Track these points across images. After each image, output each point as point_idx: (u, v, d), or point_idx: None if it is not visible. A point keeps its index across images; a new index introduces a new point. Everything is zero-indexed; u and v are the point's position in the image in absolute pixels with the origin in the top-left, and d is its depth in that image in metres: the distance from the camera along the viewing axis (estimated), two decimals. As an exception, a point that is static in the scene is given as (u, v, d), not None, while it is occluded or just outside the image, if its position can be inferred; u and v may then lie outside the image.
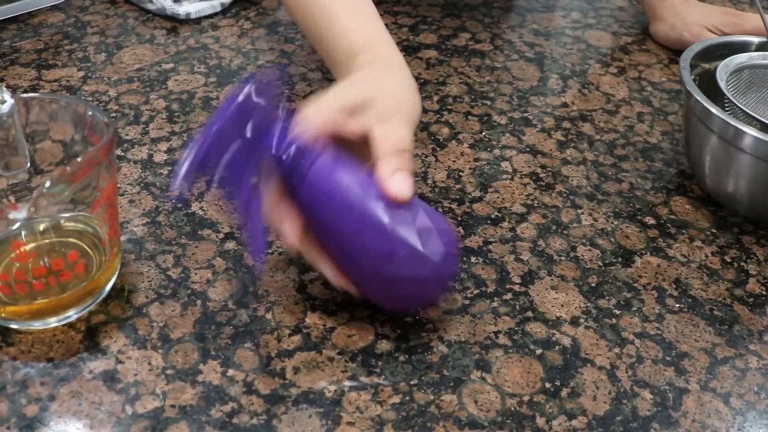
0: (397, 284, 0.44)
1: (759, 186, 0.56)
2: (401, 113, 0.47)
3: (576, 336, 0.49)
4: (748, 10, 0.93)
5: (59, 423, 0.42)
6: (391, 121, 0.46)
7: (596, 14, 0.91)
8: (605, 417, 0.44)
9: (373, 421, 0.43)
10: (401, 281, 0.44)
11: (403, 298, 0.46)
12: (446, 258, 0.44)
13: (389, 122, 0.46)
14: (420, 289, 0.45)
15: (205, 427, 0.42)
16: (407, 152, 0.45)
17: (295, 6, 0.60)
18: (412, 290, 0.45)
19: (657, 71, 0.80)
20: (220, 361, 0.46)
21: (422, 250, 0.43)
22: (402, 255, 0.43)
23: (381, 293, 0.46)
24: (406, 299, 0.46)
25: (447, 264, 0.45)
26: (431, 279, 0.45)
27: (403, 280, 0.44)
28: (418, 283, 0.44)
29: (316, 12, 0.58)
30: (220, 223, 0.56)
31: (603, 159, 0.66)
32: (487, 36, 0.84)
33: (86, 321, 0.47)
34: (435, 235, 0.44)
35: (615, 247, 0.57)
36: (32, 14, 0.81)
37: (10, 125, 0.46)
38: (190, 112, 0.67)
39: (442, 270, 0.45)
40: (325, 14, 0.57)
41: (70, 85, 0.70)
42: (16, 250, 0.48)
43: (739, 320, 0.52)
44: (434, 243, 0.44)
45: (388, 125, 0.46)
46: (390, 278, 0.44)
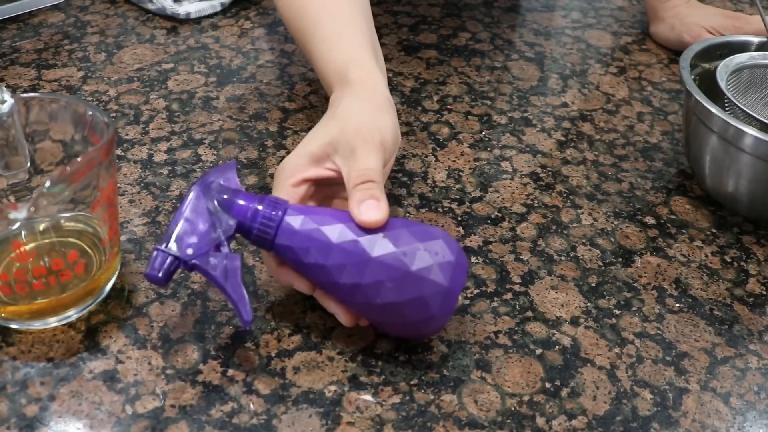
0: (398, 311, 0.43)
1: (759, 186, 0.56)
2: (366, 142, 0.46)
3: (576, 336, 0.49)
4: (747, 11, 0.93)
5: (59, 423, 0.42)
6: (356, 153, 0.46)
7: (596, 14, 0.91)
8: (605, 417, 0.44)
9: (373, 421, 0.43)
10: (400, 307, 0.42)
11: (412, 324, 0.43)
12: (441, 270, 0.42)
13: (354, 155, 0.46)
14: (423, 309, 0.42)
15: (205, 427, 0.42)
16: (373, 181, 0.45)
17: (285, 9, 0.60)
18: (415, 313, 0.43)
19: (657, 71, 0.80)
20: (220, 361, 0.46)
21: (410, 270, 0.42)
22: (389, 281, 0.42)
23: (389, 323, 0.44)
24: (415, 324, 0.43)
25: (444, 276, 0.42)
26: (430, 296, 0.42)
27: (401, 305, 0.42)
28: (417, 305, 0.42)
29: (306, 18, 0.58)
30: (220, 223, 0.56)
31: (603, 159, 0.66)
32: (487, 36, 0.84)
33: (86, 321, 0.47)
34: (422, 251, 0.42)
35: (615, 247, 0.57)
36: (32, 14, 0.81)
37: (10, 125, 0.46)
38: (190, 112, 0.67)
39: (438, 283, 0.42)
40: (312, 21, 0.57)
41: (70, 85, 0.70)
42: (16, 250, 0.48)
43: (739, 320, 0.52)
44: (422, 259, 0.42)
45: (353, 159, 0.46)
46: (388, 307, 0.42)
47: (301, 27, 0.58)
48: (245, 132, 0.65)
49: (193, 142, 0.64)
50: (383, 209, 0.43)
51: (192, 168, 0.61)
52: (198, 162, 0.61)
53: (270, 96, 0.70)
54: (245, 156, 0.62)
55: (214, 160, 0.62)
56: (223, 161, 0.62)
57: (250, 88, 0.71)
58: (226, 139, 0.64)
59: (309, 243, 0.43)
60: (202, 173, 0.44)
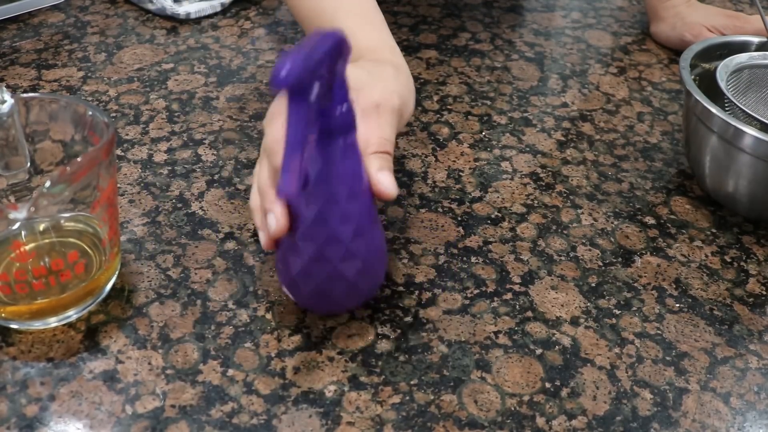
0: (331, 271, 0.44)
1: (759, 186, 0.56)
2: (386, 108, 0.47)
3: (576, 336, 0.49)
4: (747, 11, 0.93)
5: (59, 423, 0.42)
6: (371, 117, 0.46)
7: (596, 14, 0.91)
8: (605, 417, 0.44)
9: (373, 421, 0.43)
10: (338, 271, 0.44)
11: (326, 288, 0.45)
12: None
13: (370, 119, 0.46)
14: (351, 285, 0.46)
15: (205, 427, 0.42)
16: (389, 153, 0.46)
17: (299, 7, 0.60)
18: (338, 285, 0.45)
19: (657, 71, 0.80)
20: (220, 361, 0.46)
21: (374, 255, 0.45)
22: (355, 245, 0.44)
23: (306, 274, 0.45)
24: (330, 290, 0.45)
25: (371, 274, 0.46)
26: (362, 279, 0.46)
27: (341, 271, 0.44)
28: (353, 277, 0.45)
29: (322, 15, 0.58)
30: (220, 223, 0.56)
31: (603, 159, 0.66)
32: (487, 36, 0.84)
33: (86, 321, 0.47)
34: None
35: (615, 247, 0.57)
36: (32, 14, 0.81)
37: (10, 125, 0.46)
38: (190, 112, 0.67)
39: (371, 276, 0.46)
40: (329, 18, 0.57)
41: (70, 85, 0.70)
42: (16, 250, 0.48)
43: (739, 320, 0.52)
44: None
45: (369, 123, 0.46)
46: (324, 261, 0.44)
47: (315, 10, 0.59)
48: (245, 132, 0.65)
49: (193, 142, 0.64)
50: (396, 185, 0.45)
51: (192, 168, 0.61)
52: (198, 162, 0.61)
53: (270, 96, 0.70)
54: (245, 156, 0.62)
55: (214, 160, 0.62)
56: (223, 161, 0.62)
57: (250, 88, 0.71)
58: (226, 139, 0.64)
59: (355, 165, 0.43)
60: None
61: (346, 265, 0.44)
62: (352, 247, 0.44)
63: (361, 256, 0.44)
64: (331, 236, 0.43)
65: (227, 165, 0.61)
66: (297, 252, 0.44)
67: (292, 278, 0.45)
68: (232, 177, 0.60)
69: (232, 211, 0.57)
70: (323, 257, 0.44)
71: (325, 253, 0.43)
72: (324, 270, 0.44)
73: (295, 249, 0.44)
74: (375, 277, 0.47)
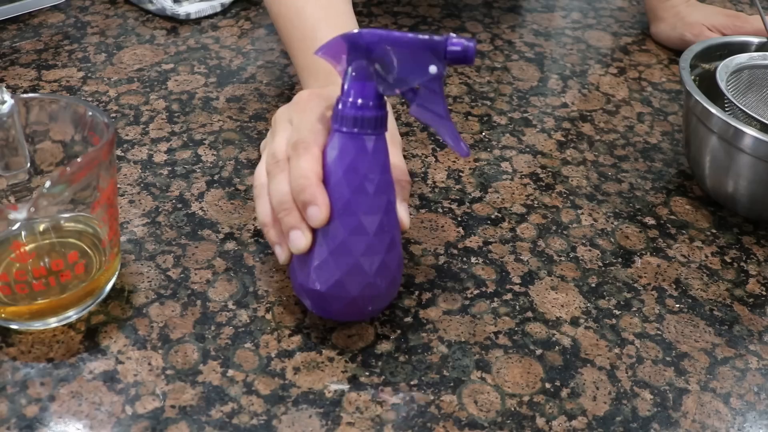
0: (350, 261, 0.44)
1: (759, 186, 0.56)
2: (396, 137, 0.49)
3: (576, 336, 0.49)
4: (747, 11, 0.93)
5: (59, 423, 0.42)
6: (390, 144, 0.47)
7: (596, 14, 0.91)
8: (605, 417, 0.44)
9: (373, 421, 0.43)
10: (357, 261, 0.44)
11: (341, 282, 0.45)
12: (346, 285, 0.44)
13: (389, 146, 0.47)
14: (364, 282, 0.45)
15: (205, 427, 0.42)
16: (409, 182, 0.48)
17: (276, 16, 0.60)
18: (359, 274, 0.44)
19: (657, 71, 0.80)
20: (220, 361, 0.46)
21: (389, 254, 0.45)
22: (374, 239, 0.44)
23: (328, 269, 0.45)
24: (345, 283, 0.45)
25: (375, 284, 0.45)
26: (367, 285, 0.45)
27: (359, 262, 0.44)
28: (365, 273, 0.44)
29: (295, 21, 0.58)
30: (220, 223, 0.56)
31: (603, 159, 0.66)
32: (487, 36, 0.84)
33: (86, 321, 0.47)
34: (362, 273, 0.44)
35: (615, 247, 0.57)
36: (32, 14, 0.81)
37: (10, 125, 0.46)
38: (190, 113, 0.67)
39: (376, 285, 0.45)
40: (301, 34, 0.57)
41: (70, 85, 0.70)
42: (16, 251, 0.48)
43: (739, 320, 0.52)
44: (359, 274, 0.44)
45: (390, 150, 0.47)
46: (344, 248, 0.44)
47: (285, 19, 0.59)
48: (245, 132, 0.65)
49: (193, 142, 0.64)
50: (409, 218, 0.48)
51: (192, 168, 0.61)
52: (198, 162, 0.61)
53: (270, 96, 0.70)
54: (245, 156, 0.62)
55: (214, 160, 0.62)
56: (223, 162, 0.62)
57: (250, 89, 0.71)
58: (226, 139, 0.64)
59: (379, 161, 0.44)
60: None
61: (368, 259, 0.44)
62: (374, 241, 0.44)
63: (383, 252, 0.44)
64: (357, 227, 0.43)
65: (227, 165, 0.61)
66: (319, 243, 0.44)
67: (309, 275, 0.44)
68: (232, 177, 0.60)
69: (232, 211, 0.57)
70: (347, 249, 0.43)
71: (349, 245, 0.43)
72: (346, 262, 0.44)
73: (324, 265, 0.44)
74: (393, 282, 0.46)
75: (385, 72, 0.43)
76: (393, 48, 0.42)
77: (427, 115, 0.44)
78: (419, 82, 0.43)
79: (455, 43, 0.42)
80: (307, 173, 0.43)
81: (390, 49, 0.42)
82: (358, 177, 0.43)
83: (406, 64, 0.43)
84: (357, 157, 0.43)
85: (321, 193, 0.43)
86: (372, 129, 0.43)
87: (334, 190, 0.43)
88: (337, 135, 0.44)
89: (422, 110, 0.44)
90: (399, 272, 0.47)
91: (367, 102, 0.43)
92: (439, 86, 0.43)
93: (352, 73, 0.43)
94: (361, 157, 0.43)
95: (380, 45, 0.42)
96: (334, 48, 0.44)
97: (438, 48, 0.42)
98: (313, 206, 0.43)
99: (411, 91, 0.43)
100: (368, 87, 0.43)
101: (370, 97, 0.43)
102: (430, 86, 0.43)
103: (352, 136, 0.43)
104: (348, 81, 0.44)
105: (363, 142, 0.43)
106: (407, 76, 0.43)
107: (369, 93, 0.43)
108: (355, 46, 0.43)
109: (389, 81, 0.43)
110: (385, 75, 0.43)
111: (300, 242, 0.44)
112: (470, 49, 0.42)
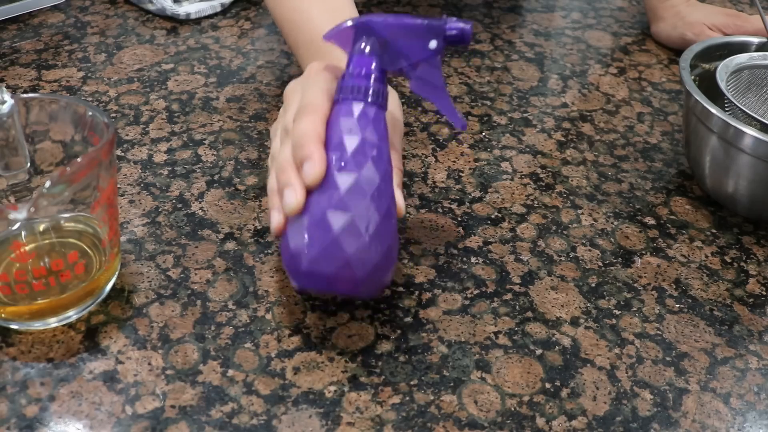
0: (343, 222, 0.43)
1: (759, 186, 0.56)
2: (399, 122, 0.50)
3: (576, 336, 0.49)
4: (747, 11, 0.93)
5: (59, 423, 0.42)
6: (391, 131, 0.49)
7: (596, 14, 0.91)
8: (605, 417, 0.44)
9: (373, 421, 0.43)
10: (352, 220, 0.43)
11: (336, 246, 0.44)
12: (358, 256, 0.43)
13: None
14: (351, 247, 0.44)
15: (205, 427, 0.42)
16: (401, 170, 0.50)
17: (283, 29, 0.61)
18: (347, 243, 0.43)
19: (657, 71, 0.80)
20: (220, 361, 0.46)
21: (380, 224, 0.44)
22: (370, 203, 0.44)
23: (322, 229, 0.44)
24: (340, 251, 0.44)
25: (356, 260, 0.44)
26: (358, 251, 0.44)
27: (355, 220, 0.43)
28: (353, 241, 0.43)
29: (305, 34, 0.58)
30: (220, 223, 0.56)
31: (603, 159, 0.66)
32: (487, 36, 0.84)
33: (86, 321, 0.47)
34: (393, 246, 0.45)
35: (615, 247, 0.57)
36: (32, 14, 0.81)
37: (10, 125, 0.46)
38: (190, 113, 0.67)
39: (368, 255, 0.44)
40: (309, 37, 0.57)
41: (70, 85, 0.70)
42: (16, 251, 0.48)
43: (739, 320, 0.52)
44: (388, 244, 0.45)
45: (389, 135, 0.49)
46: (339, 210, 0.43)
47: (288, 10, 0.60)
48: (245, 132, 0.65)
49: (193, 142, 0.64)
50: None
51: (192, 168, 0.61)
52: (198, 162, 0.61)
53: (270, 96, 0.70)
54: (245, 156, 0.62)
55: (214, 160, 0.62)
56: (223, 162, 0.62)
57: (250, 89, 0.71)
58: (226, 139, 0.64)
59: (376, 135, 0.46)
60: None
61: (364, 219, 0.43)
62: (372, 205, 0.44)
63: (379, 217, 0.44)
64: (355, 185, 0.44)
65: (227, 165, 0.61)
66: (315, 201, 0.44)
67: (304, 236, 0.43)
68: (232, 177, 0.60)
69: (232, 211, 0.57)
70: (344, 206, 0.43)
71: (347, 203, 0.43)
72: (342, 219, 0.43)
73: (319, 223, 0.43)
74: (387, 254, 0.45)
75: (387, 50, 0.47)
76: (397, 31, 0.46)
77: (426, 89, 0.48)
78: (420, 59, 0.47)
79: (453, 27, 0.46)
80: (306, 131, 0.44)
81: (394, 32, 0.46)
82: (358, 138, 0.45)
83: (408, 43, 0.47)
84: (358, 120, 0.45)
85: (317, 149, 0.43)
86: (374, 99, 0.46)
87: (334, 151, 0.45)
88: (339, 103, 0.46)
89: (421, 84, 0.48)
90: (394, 246, 0.46)
91: (369, 74, 0.46)
92: (437, 61, 0.47)
93: (357, 50, 0.47)
94: (361, 121, 0.45)
95: (385, 29, 0.46)
96: (342, 34, 0.47)
97: (438, 29, 0.46)
98: (309, 161, 0.43)
99: (411, 67, 0.47)
100: (370, 60, 0.47)
101: (371, 69, 0.46)
102: (429, 61, 0.47)
103: (355, 101, 0.46)
104: (352, 57, 0.47)
105: (365, 109, 0.46)
106: (409, 54, 0.47)
107: (370, 65, 0.47)
108: (360, 29, 0.47)
109: (391, 58, 0.47)
110: (388, 52, 0.47)
111: (291, 199, 0.43)
112: (467, 30, 0.46)
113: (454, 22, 0.46)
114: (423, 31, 0.46)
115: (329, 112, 0.46)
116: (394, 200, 0.46)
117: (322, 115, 0.45)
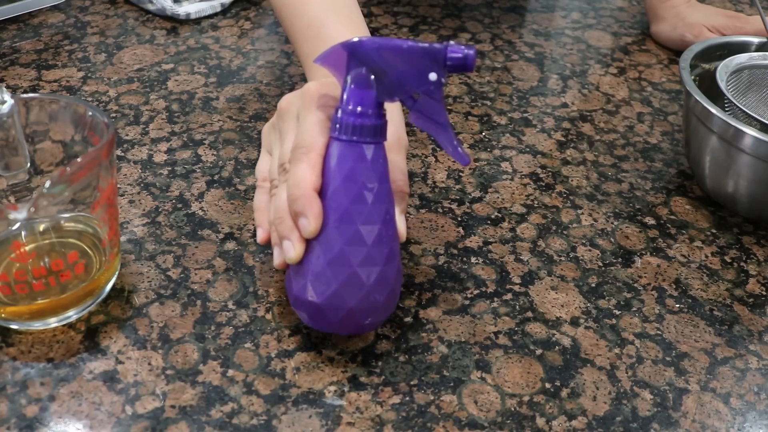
0: (345, 267, 0.43)
1: (759, 186, 0.56)
2: (403, 142, 0.49)
3: (576, 336, 0.49)
4: (747, 11, 0.93)
5: (59, 423, 0.42)
6: (392, 151, 0.47)
7: (596, 14, 0.91)
8: (605, 417, 0.44)
9: (373, 421, 0.43)
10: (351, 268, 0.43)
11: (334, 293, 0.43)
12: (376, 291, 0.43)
13: (391, 152, 0.47)
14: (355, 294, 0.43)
15: (205, 427, 0.42)
16: (407, 194, 0.48)
17: (281, 14, 0.60)
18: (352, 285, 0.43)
19: (657, 71, 0.80)
20: (220, 361, 0.46)
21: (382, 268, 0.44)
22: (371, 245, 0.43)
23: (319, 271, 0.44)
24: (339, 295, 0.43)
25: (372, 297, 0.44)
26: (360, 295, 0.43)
27: (355, 270, 0.43)
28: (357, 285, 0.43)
29: (303, 19, 0.57)
30: (220, 224, 0.56)
31: (603, 159, 0.66)
32: (487, 36, 0.84)
33: (86, 321, 0.47)
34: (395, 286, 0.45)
35: (615, 247, 0.57)
36: (32, 14, 0.81)
37: (10, 125, 0.46)
38: (190, 113, 0.67)
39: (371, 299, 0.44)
40: (307, 21, 0.56)
41: (70, 85, 0.70)
42: (16, 251, 0.48)
43: (739, 320, 0.52)
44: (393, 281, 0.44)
45: (391, 156, 0.47)
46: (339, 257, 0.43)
47: (289, 7, 0.58)
48: (245, 132, 0.65)
49: (193, 142, 0.64)
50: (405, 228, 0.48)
51: (192, 168, 0.61)
52: (198, 162, 0.61)
53: (270, 96, 0.70)
54: (245, 156, 0.62)
55: (214, 160, 0.62)
56: (223, 162, 0.62)
57: (250, 89, 0.71)
58: (226, 139, 0.64)
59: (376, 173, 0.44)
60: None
61: (365, 270, 0.43)
62: (373, 252, 0.43)
63: (381, 264, 0.43)
64: (354, 236, 0.42)
65: (227, 165, 0.61)
66: (315, 253, 0.43)
67: (306, 286, 0.43)
68: (232, 177, 0.60)
69: (232, 211, 0.57)
70: (344, 259, 0.43)
71: (347, 255, 0.43)
72: (343, 272, 0.43)
73: (320, 276, 0.43)
74: (391, 294, 0.45)
75: (384, 80, 0.43)
76: (392, 56, 0.42)
77: (426, 123, 0.44)
78: (419, 90, 0.43)
79: (455, 51, 0.42)
80: (300, 182, 0.43)
81: (389, 57, 0.42)
82: (356, 186, 0.43)
83: (406, 72, 0.42)
84: (355, 165, 0.43)
85: (313, 204, 0.42)
86: (371, 137, 0.43)
87: (331, 199, 0.43)
88: (335, 143, 0.44)
89: (422, 118, 0.44)
90: (398, 285, 0.45)
91: (366, 110, 0.43)
92: (438, 94, 0.43)
93: (351, 81, 0.43)
94: (359, 166, 0.43)
95: (380, 53, 0.42)
96: (333, 56, 0.43)
97: (438, 55, 0.42)
98: (303, 218, 0.43)
99: (410, 99, 0.43)
100: (367, 95, 0.43)
101: (369, 105, 0.43)
102: (430, 94, 0.43)
103: (351, 144, 0.43)
104: (347, 89, 0.43)
105: (362, 151, 0.43)
106: (407, 84, 0.43)
107: (368, 101, 0.43)
108: (354, 54, 0.43)
109: (388, 89, 0.43)
110: (385, 83, 0.43)
111: (290, 253, 0.43)
112: (470, 57, 0.42)
113: (456, 47, 0.42)
114: (421, 57, 0.42)
115: (325, 149, 0.44)
116: (396, 239, 0.45)
117: (317, 158, 0.44)
